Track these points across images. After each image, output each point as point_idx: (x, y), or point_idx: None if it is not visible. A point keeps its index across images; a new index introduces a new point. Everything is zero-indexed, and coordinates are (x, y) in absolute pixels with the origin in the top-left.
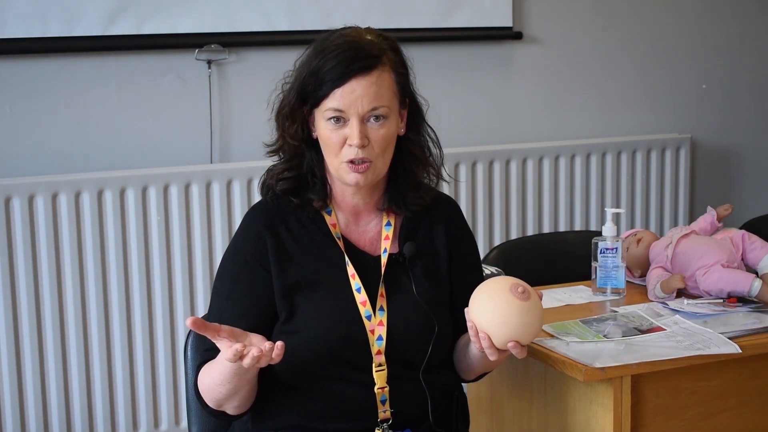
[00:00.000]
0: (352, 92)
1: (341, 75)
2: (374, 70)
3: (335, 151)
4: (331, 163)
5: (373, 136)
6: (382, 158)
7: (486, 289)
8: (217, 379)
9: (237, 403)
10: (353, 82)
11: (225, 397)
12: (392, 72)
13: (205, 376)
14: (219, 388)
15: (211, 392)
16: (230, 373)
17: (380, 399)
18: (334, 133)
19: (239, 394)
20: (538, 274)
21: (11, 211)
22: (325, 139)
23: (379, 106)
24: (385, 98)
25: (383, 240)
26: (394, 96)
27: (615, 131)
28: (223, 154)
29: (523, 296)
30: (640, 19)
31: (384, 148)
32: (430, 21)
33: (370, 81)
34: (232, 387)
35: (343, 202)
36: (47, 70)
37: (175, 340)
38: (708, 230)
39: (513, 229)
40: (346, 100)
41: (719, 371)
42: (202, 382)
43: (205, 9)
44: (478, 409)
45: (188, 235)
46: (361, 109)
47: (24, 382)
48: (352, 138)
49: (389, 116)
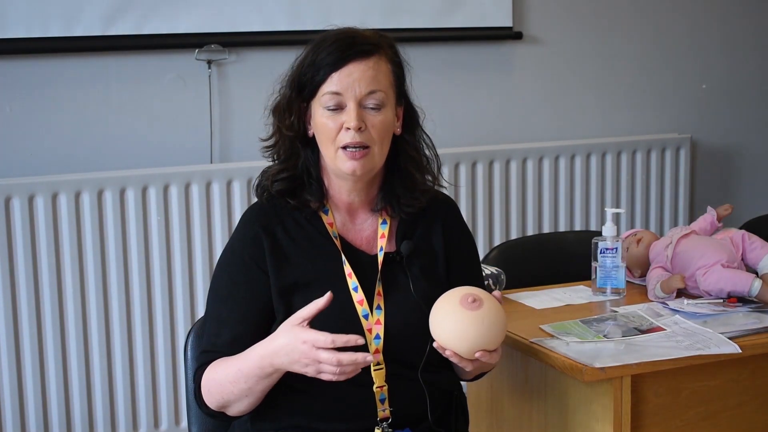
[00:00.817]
0: (349, 75)
1: (339, 59)
2: (372, 56)
3: (331, 137)
4: (327, 152)
5: (370, 122)
6: (379, 147)
7: (440, 305)
8: (234, 376)
9: (243, 407)
10: (351, 66)
11: (236, 397)
12: (389, 63)
13: (216, 372)
14: (232, 387)
15: (221, 390)
16: (255, 374)
17: (379, 398)
18: (330, 120)
19: (250, 397)
20: (538, 274)
21: (11, 211)
22: (322, 127)
23: (376, 90)
24: (382, 84)
25: (379, 239)
26: (391, 86)
27: (615, 131)
28: (223, 154)
29: (474, 305)
30: (641, 19)
31: (381, 136)
32: (430, 21)
33: (367, 65)
34: (247, 388)
35: (340, 201)
36: (47, 70)
37: (175, 340)
38: (708, 230)
39: (513, 229)
40: (344, 83)
41: (719, 371)
42: (211, 379)
43: (205, 9)
44: (478, 409)
45: (188, 235)
46: (358, 92)
47: (24, 382)
48: (349, 121)
49: (386, 105)
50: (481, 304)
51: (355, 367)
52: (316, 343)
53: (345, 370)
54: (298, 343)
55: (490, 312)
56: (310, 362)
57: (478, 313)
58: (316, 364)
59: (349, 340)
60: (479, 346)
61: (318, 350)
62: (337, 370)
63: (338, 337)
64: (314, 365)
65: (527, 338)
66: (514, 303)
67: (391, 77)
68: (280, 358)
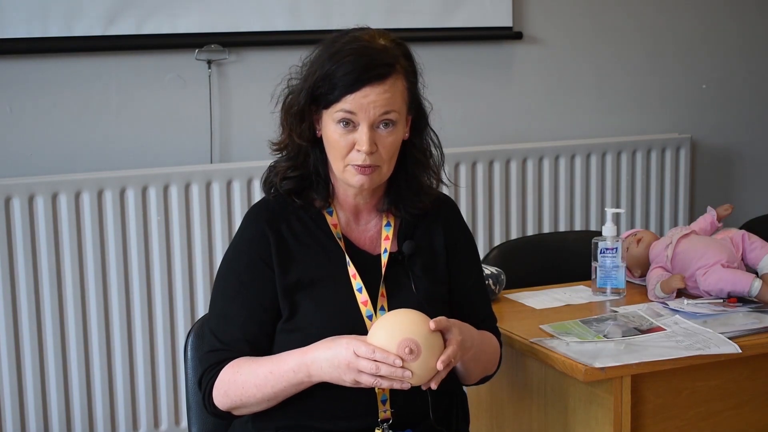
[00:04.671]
0: (365, 97)
1: (355, 81)
2: (388, 78)
3: (342, 154)
4: (336, 165)
5: (381, 143)
6: (388, 164)
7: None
8: (262, 379)
9: (255, 410)
10: (367, 89)
11: (256, 401)
12: (405, 80)
13: (239, 374)
14: (255, 390)
15: (241, 393)
16: (287, 379)
17: (380, 398)
18: (342, 138)
19: (271, 402)
20: (538, 274)
21: (11, 211)
22: (333, 142)
23: (390, 111)
24: (396, 105)
25: (383, 240)
26: (404, 103)
27: (615, 131)
28: (223, 154)
29: (412, 357)
30: (640, 20)
31: (391, 154)
32: (430, 21)
33: (383, 88)
34: (272, 393)
35: (345, 202)
36: (47, 70)
37: (175, 340)
38: (708, 230)
39: (513, 229)
40: (358, 104)
41: (719, 371)
42: (231, 381)
43: (205, 9)
44: (478, 409)
45: (188, 235)
46: (372, 115)
47: (24, 382)
48: (360, 144)
49: (398, 123)
50: (419, 354)
51: (391, 382)
52: (369, 367)
53: (382, 383)
54: (351, 359)
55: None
56: (351, 377)
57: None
58: (358, 376)
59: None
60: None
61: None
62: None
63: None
64: (356, 376)
65: (527, 338)
66: (514, 303)
67: (406, 94)
68: (322, 372)
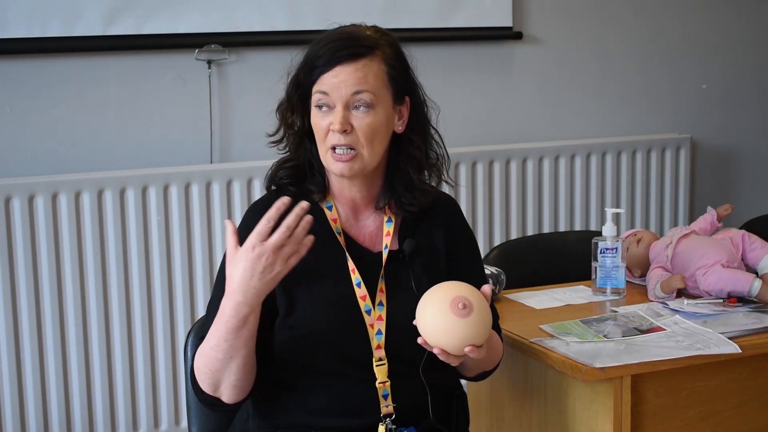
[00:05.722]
0: (336, 76)
1: (329, 60)
2: (362, 58)
3: (322, 137)
4: (321, 150)
5: (357, 124)
6: (369, 149)
7: (428, 305)
8: (215, 340)
9: (232, 380)
10: (339, 67)
11: (221, 364)
12: (383, 63)
13: (201, 348)
14: (215, 353)
15: (207, 363)
16: (232, 325)
17: (382, 394)
18: (321, 120)
19: (236, 359)
20: (538, 274)
21: (11, 211)
22: (314, 126)
23: (363, 90)
24: (370, 85)
25: (384, 236)
26: (384, 87)
27: (615, 131)
28: (223, 154)
29: (464, 312)
30: (640, 19)
31: (370, 138)
32: (430, 21)
33: (355, 67)
34: (228, 347)
35: (342, 196)
36: (47, 70)
37: (175, 340)
38: (708, 230)
39: (513, 229)
40: (330, 84)
41: (719, 371)
42: (198, 356)
43: (205, 9)
44: (478, 408)
45: (188, 235)
46: (344, 94)
47: (24, 382)
48: (334, 123)
49: (376, 105)
50: (471, 310)
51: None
52: (259, 237)
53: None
54: (248, 253)
55: (478, 317)
56: (268, 256)
57: (467, 320)
58: (273, 252)
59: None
60: (468, 344)
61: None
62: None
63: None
64: (273, 255)
65: (527, 338)
66: (514, 303)
67: (385, 78)
68: (246, 285)
